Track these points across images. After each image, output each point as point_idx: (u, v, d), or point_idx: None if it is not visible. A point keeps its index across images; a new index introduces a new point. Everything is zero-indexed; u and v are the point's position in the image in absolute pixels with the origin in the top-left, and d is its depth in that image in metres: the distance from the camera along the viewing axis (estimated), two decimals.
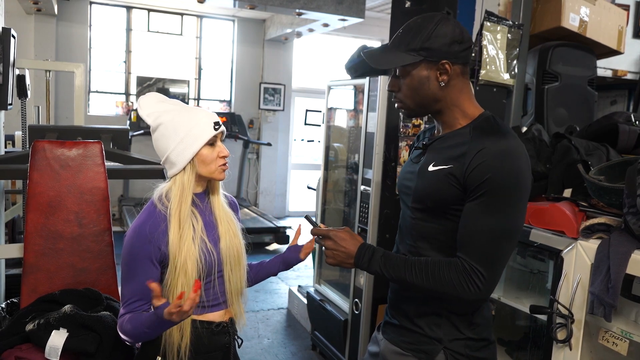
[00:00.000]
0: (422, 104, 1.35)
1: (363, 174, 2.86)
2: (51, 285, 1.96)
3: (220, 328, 1.48)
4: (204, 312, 1.46)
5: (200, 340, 1.44)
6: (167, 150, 1.40)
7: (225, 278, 1.47)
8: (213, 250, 1.43)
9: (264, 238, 6.19)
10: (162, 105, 1.45)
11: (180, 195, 1.38)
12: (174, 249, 1.35)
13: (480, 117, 1.34)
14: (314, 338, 3.50)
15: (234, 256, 1.48)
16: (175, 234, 1.36)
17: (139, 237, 1.36)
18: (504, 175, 1.20)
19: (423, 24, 1.30)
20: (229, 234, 1.48)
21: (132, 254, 1.36)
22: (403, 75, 1.34)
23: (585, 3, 2.94)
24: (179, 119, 1.40)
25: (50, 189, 2.00)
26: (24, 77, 3.13)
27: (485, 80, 2.71)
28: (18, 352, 1.66)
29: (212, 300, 1.47)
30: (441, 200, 1.30)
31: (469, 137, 1.29)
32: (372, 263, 1.33)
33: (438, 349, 1.34)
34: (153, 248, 1.35)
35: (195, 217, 1.42)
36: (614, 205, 1.73)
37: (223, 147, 1.45)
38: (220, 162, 1.43)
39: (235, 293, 1.50)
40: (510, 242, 1.26)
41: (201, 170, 1.41)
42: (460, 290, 1.24)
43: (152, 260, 1.36)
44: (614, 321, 1.66)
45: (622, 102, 3.90)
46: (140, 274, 1.35)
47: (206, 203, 1.49)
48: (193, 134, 1.38)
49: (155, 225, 1.36)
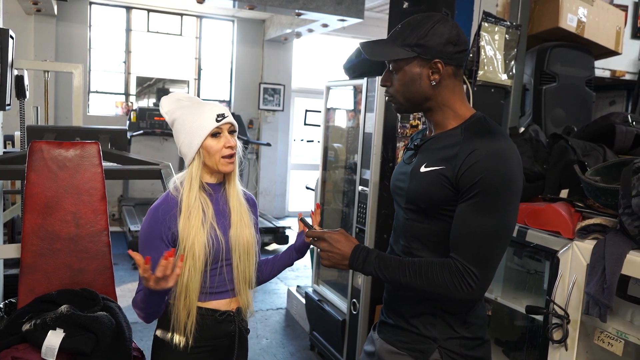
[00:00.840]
0: (412, 101, 1.36)
1: (361, 174, 2.86)
2: (48, 285, 1.96)
3: (225, 317, 1.54)
4: (209, 299, 1.52)
5: (206, 327, 1.51)
6: (179, 143, 1.52)
7: (233, 266, 1.54)
8: (222, 237, 1.50)
9: (264, 238, 6.19)
10: (178, 103, 1.55)
11: (189, 183, 1.49)
12: (182, 231, 1.45)
13: (471, 117, 1.35)
14: (313, 338, 3.51)
15: (244, 245, 1.55)
16: (184, 218, 1.46)
17: (153, 218, 1.48)
18: (495, 176, 1.21)
19: (422, 21, 1.32)
20: (240, 223, 1.55)
21: (146, 233, 1.48)
22: (396, 70, 1.35)
23: (583, 4, 2.94)
24: (187, 114, 1.50)
25: (48, 190, 2.01)
26: (23, 78, 3.13)
27: (483, 80, 2.72)
28: (15, 352, 1.67)
29: (218, 287, 1.53)
30: (434, 201, 1.31)
31: (461, 138, 1.29)
32: (367, 264, 1.34)
33: (433, 348, 1.35)
34: (164, 228, 1.46)
35: (206, 204, 1.50)
36: (610, 205, 1.74)
37: (229, 138, 1.50)
38: (225, 152, 1.48)
39: (243, 282, 1.56)
40: (503, 242, 1.27)
41: (207, 161, 1.49)
42: (454, 291, 1.25)
43: (163, 240, 1.46)
44: (610, 321, 1.66)
45: (621, 102, 3.90)
46: (152, 251, 1.43)
47: (221, 193, 1.56)
48: (197, 127, 1.47)
49: (168, 209, 1.48)
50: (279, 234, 6.19)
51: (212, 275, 1.50)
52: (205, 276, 1.49)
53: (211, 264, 1.49)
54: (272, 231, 6.20)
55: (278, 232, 6.20)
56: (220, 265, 1.52)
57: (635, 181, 1.56)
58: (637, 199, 1.54)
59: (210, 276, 1.50)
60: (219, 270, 1.52)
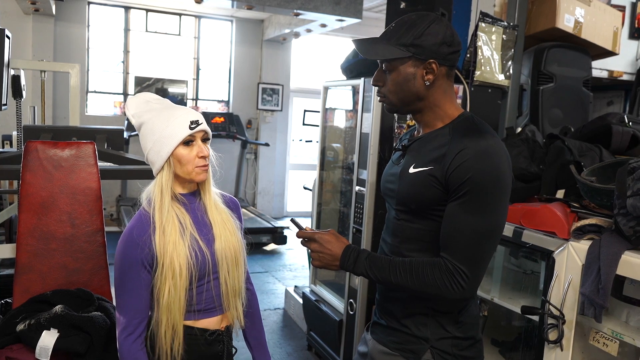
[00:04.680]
0: (405, 101, 1.35)
1: (358, 174, 2.86)
2: (44, 285, 1.96)
3: (215, 336, 1.46)
4: (198, 317, 1.43)
5: (195, 347, 1.42)
6: (146, 149, 1.39)
7: (221, 280, 1.44)
8: (207, 250, 1.40)
9: (262, 238, 6.19)
10: (147, 105, 1.42)
11: (160, 195, 1.37)
12: (159, 249, 1.34)
13: (459, 117, 1.35)
14: (310, 338, 3.50)
15: (231, 257, 1.45)
16: (159, 233, 1.34)
17: (128, 242, 1.36)
18: (484, 175, 1.21)
19: (417, 21, 1.31)
20: (224, 233, 1.44)
21: (123, 259, 1.36)
22: (390, 70, 1.34)
23: (580, 4, 2.94)
24: (157, 119, 1.38)
25: (43, 190, 2.00)
26: (19, 78, 3.13)
27: (480, 81, 2.71)
28: (9, 353, 1.66)
29: (206, 304, 1.43)
30: (424, 201, 1.30)
31: (449, 138, 1.29)
32: (358, 265, 1.33)
33: (425, 348, 1.34)
34: (142, 251, 1.34)
35: (182, 214, 1.40)
36: (605, 206, 1.74)
37: (203, 147, 1.39)
38: (199, 162, 1.38)
39: (232, 295, 1.46)
40: (492, 241, 1.27)
41: (178, 171, 1.38)
42: (445, 290, 1.25)
43: (143, 264, 1.35)
44: (605, 322, 1.66)
45: (619, 103, 3.90)
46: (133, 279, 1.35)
47: (198, 203, 1.46)
48: (167, 133, 1.35)
49: (142, 229, 1.36)
50: (277, 234, 6.20)
51: (199, 293, 1.40)
52: (191, 294, 1.38)
53: (197, 280, 1.38)
54: (271, 231, 6.20)
55: (276, 232, 6.20)
56: (207, 280, 1.41)
57: (630, 181, 1.56)
58: (632, 199, 1.53)
59: (197, 293, 1.39)
60: (206, 286, 1.41)
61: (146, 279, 1.37)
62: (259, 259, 5.79)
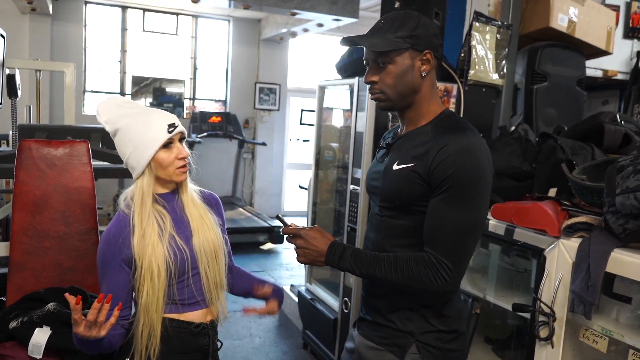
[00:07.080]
0: (403, 94, 1.35)
1: (352, 173, 2.87)
2: (37, 284, 1.96)
3: (200, 329, 1.47)
4: (183, 310, 1.45)
5: (179, 340, 1.44)
6: (125, 155, 1.42)
7: (201, 274, 1.46)
8: (185, 247, 1.43)
9: (259, 237, 6.19)
10: (119, 110, 1.43)
11: (140, 198, 1.40)
12: (138, 251, 1.37)
13: (441, 114, 1.37)
14: (305, 337, 3.51)
15: (210, 250, 1.47)
16: (139, 237, 1.38)
17: (106, 242, 1.40)
18: (466, 171, 1.24)
19: (408, 15, 1.34)
20: (202, 228, 1.47)
21: (102, 258, 1.41)
22: (387, 63, 1.33)
23: (574, 4, 2.95)
24: (134, 124, 1.40)
25: (37, 188, 2.01)
26: (14, 77, 3.13)
27: (474, 80, 2.72)
28: (2, 350, 1.67)
29: (188, 299, 1.46)
30: (407, 198, 1.32)
31: (431, 135, 1.32)
32: (343, 260, 1.34)
33: (410, 342, 1.36)
34: (119, 251, 1.38)
35: (162, 216, 1.43)
36: (596, 204, 1.74)
37: (182, 149, 1.43)
38: (179, 163, 1.42)
39: (214, 288, 1.49)
40: (475, 235, 1.30)
41: (159, 174, 1.42)
42: (429, 284, 1.27)
43: (120, 264, 1.39)
44: (595, 319, 1.67)
45: (614, 102, 3.92)
46: (112, 278, 1.39)
47: (176, 202, 1.48)
48: (146, 139, 1.38)
49: (120, 230, 1.40)
50: (274, 233, 6.19)
51: (180, 288, 1.43)
52: (172, 290, 1.41)
53: (177, 277, 1.41)
54: (268, 230, 6.20)
55: (273, 232, 6.19)
56: (187, 277, 1.44)
57: (619, 179, 1.57)
58: (621, 197, 1.54)
59: (178, 289, 1.42)
60: (186, 282, 1.44)
61: (124, 278, 1.40)
62: (256, 258, 5.80)
